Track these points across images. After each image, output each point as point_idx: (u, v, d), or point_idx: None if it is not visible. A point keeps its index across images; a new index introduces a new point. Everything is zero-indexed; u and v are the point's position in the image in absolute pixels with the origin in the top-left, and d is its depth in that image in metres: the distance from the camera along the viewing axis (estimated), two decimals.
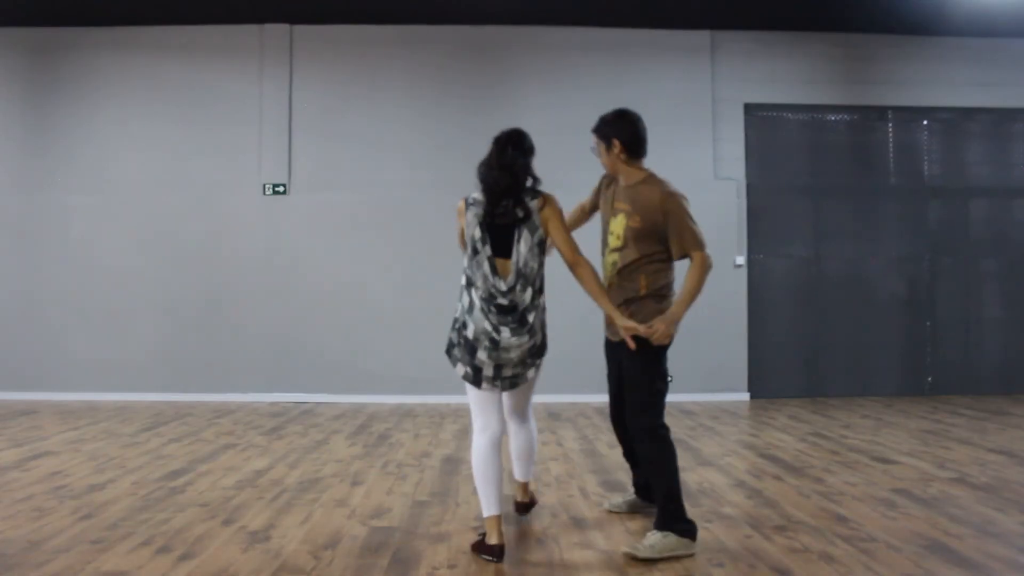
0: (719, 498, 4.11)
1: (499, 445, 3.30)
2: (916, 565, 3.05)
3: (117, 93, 8.23)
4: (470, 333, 3.25)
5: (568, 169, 7.80)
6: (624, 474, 4.67)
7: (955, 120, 8.66)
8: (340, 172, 8.20)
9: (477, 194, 3.34)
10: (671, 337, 3.33)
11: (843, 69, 8.51)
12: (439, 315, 8.23)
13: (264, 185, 8.15)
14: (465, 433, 6.13)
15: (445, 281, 7.93)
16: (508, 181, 3.27)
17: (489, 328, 3.21)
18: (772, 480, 4.53)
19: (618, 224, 3.52)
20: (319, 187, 8.18)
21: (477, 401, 3.33)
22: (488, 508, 3.19)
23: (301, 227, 8.14)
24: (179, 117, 8.21)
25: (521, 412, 3.56)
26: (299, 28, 8.24)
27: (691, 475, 4.65)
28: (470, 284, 3.30)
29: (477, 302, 3.25)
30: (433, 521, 3.69)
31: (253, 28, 8.23)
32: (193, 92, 8.23)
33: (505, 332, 3.21)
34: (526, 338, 3.25)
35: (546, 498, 4.13)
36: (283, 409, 7.44)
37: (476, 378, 3.27)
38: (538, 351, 3.34)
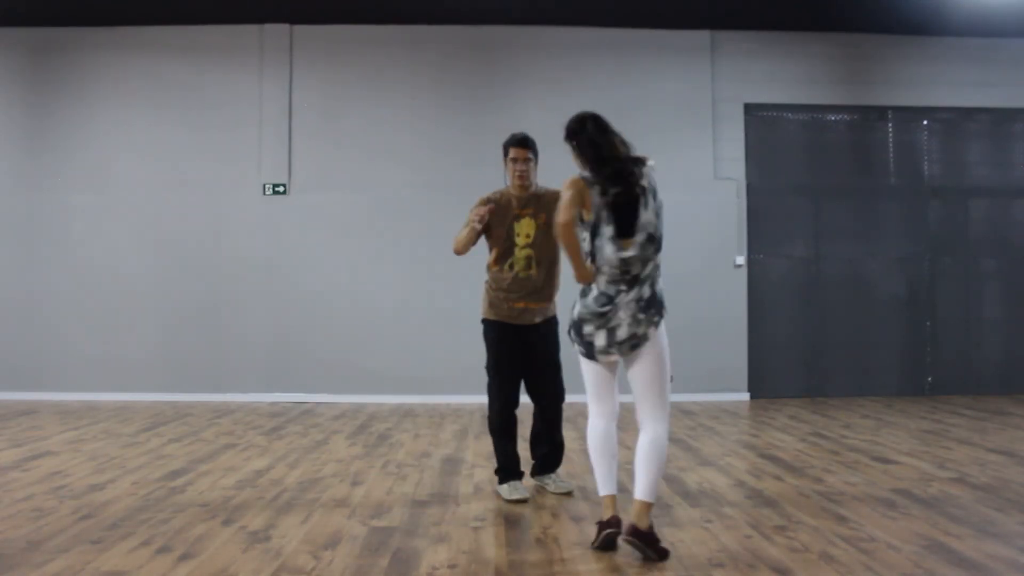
0: (719, 498, 4.11)
1: (614, 427, 3.34)
2: (916, 565, 3.04)
3: (117, 93, 8.24)
4: (576, 313, 3.29)
5: (568, 169, 7.81)
6: (624, 473, 4.67)
7: (955, 120, 8.66)
8: (340, 172, 8.20)
9: (587, 173, 3.29)
10: None
11: (843, 69, 8.51)
12: (438, 315, 8.27)
13: (264, 185, 8.16)
14: (465, 433, 6.13)
15: (444, 281, 7.97)
16: (611, 148, 3.30)
17: (595, 306, 3.22)
18: (772, 480, 4.53)
19: (528, 226, 4.14)
20: (319, 187, 8.18)
21: (591, 386, 3.34)
22: (602, 487, 3.28)
23: (301, 227, 8.14)
24: (179, 117, 8.21)
25: (653, 407, 3.22)
26: (299, 28, 8.25)
27: (691, 475, 4.65)
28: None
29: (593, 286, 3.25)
30: (433, 521, 3.69)
31: (253, 28, 8.23)
32: (193, 92, 8.23)
33: (621, 295, 3.19)
34: (635, 291, 3.18)
35: (546, 498, 4.13)
36: (283, 409, 7.43)
37: (590, 352, 3.25)
38: (648, 305, 3.20)
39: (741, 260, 8.25)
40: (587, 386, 3.36)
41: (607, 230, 3.19)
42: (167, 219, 8.14)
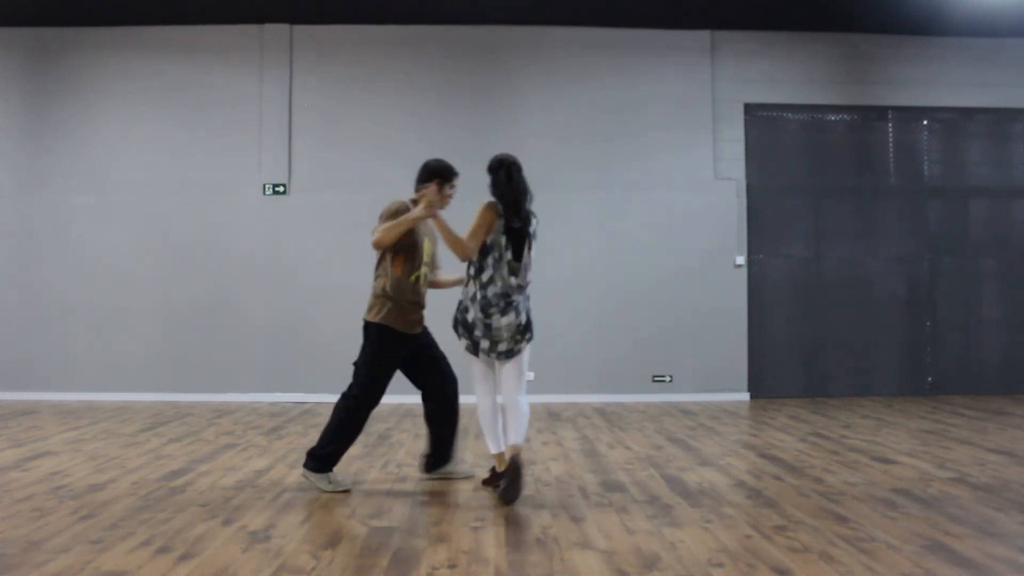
0: (719, 498, 4.11)
1: (496, 405, 4.26)
2: (916, 565, 3.04)
3: (118, 93, 8.24)
4: (470, 317, 4.05)
5: (568, 169, 7.81)
6: (624, 473, 4.68)
7: (955, 120, 8.66)
8: (340, 172, 8.21)
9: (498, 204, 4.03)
10: None
11: (843, 69, 8.51)
12: (439, 315, 8.25)
13: (264, 185, 8.16)
14: (464, 433, 6.13)
15: None
16: (526, 197, 4.09)
17: (482, 315, 4.01)
18: (772, 480, 4.53)
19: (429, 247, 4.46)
20: (319, 187, 8.18)
21: (478, 374, 4.24)
22: (495, 446, 4.21)
23: (301, 227, 8.14)
24: (179, 117, 8.22)
25: (514, 390, 4.14)
26: (299, 28, 8.25)
27: (691, 475, 4.65)
28: (479, 278, 4.03)
29: (481, 293, 4.00)
30: (433, 521, 3.69)
31: (253, 28, 8.23)
32: (193, 92, 8.23)
33: (496, 315, 3.99)
34: (512, 317, 4.02)
35: (546, 498, 4.13)
36: (283, 409, 7.43)
37: (475, 350, 4.13)
38: (525, 329, 4.11)
39: (741, 260, 8.26)
40: (474, 373, 4.24)
41: (507, 254, 4.00)
42: (167, 219, 8.15)
